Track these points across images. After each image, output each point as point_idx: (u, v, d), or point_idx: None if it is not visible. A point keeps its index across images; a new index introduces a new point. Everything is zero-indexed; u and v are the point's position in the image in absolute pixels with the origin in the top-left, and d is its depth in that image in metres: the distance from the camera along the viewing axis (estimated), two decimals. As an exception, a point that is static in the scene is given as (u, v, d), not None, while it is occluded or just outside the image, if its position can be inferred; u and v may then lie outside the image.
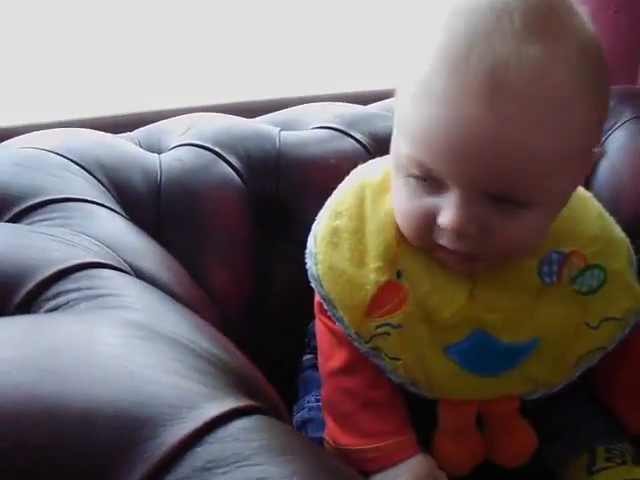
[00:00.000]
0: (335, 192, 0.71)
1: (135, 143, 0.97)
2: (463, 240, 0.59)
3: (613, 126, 1.07)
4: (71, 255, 0.56)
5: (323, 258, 0.67)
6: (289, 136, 1.00)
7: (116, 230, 0.73)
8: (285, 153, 0.97)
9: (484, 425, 0.70)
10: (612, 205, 1.02)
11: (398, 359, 0.66)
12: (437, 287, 0.65)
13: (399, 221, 0.64)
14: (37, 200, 0.72)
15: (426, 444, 0.71)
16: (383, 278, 0.64)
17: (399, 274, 0.65)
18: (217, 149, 0.94)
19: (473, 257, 0.61)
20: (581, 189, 0.70)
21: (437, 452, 0.70)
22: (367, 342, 0.67)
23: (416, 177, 0.59)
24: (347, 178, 0.72)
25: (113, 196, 0.83)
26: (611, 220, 0.70)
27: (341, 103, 1.13)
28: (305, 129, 1.03)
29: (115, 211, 0.79)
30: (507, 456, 0.70)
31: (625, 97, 1.11)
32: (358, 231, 0.67)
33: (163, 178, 0.88)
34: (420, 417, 0.71)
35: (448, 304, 0.65)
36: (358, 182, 0.70)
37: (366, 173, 0.72)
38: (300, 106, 1.11)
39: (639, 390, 0.71)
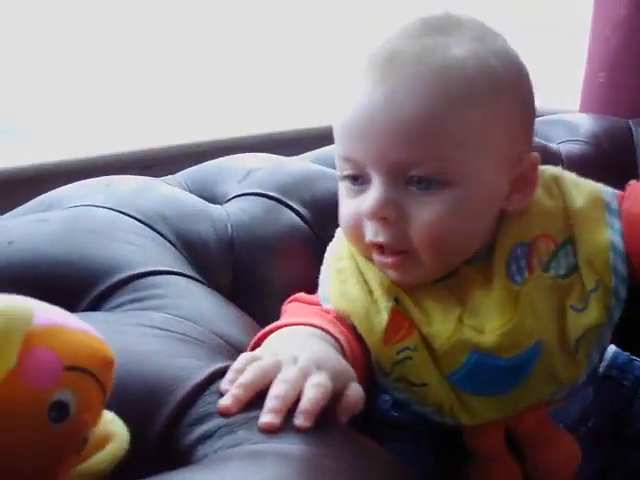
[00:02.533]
0: (330, 244, 0.74)
1: (183, 187, 0.92)
2: (385, 229, 0.61)
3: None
4: (205, 362, 0.50)
5: (335, 293, 0.68)
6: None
7: (208, 305, 0.67)
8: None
9: (519, 444, 0.67)
10: None
11: (425, 384, 0.64)
12: (427, 318, 0.64)
13: (342, 228, 0.69)
14: (124, 275, 0.66)
15: (459, 477, 0.68)
16: (390, 303, 0.65)
17: (397, 301, 0.66)
18: (281, 197, 0.89)
19: (399, 259, 0.63)
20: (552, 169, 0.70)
21: None
22: (389, 374, 0.65)
23: (348, 177, 0.65)
24: (337, 232, 0.74)
25: (184, 256, 0.77)
26: (575, 179, 0.69)
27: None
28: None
29: (193, 278, 0.73)
30: (552, 470, 0.66)
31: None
32: (357, 268, 0.68)
33: (234, 232, 0.82)
34: (449, 448, 0.68)
35: (438, 334, 0.64)
36: (339, 231, 0.73)
37: None
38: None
39: None
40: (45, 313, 0.36)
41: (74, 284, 0.64)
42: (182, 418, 0.46)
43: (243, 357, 0.50)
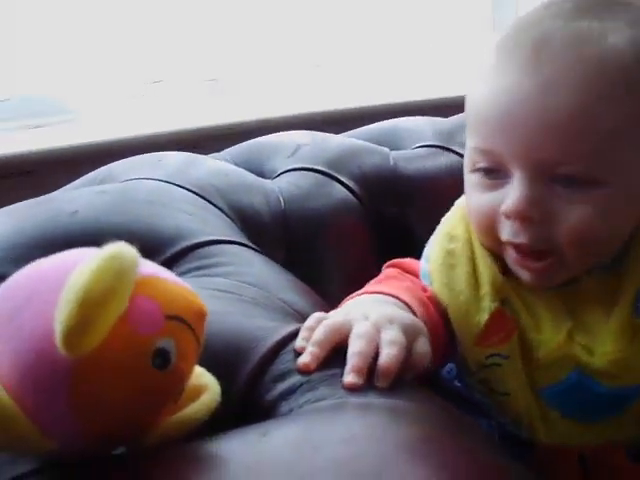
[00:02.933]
0: (445, 217, 0.69)
1: (230, 163, 0.92)
2: (527, 229, 0.56)
3: None
4: (278, 323, 0.51)
5: (439, 277, 0.64)
6: (399, 154, 0.96)
7: (270, 273, 0.67)
8: (400, 171, 0.92)
9: (588, 472, 0.64)
10: None
11: (507, 394, 0.62)
12: (535, 324, 0.61)
13: (471, 220, 0.63)
14: (186, 244, 0.66)
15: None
16: (494, 304, 0.61)
17: (503, 302, 0.62)
18: (331, 172, 0.89)
19: (545, 258, 0.58)
20: None
21: None
22: (475, 374, 0.63)
23: (482, 170, 0.59)
24: (455, 206, 0.70)
25: (239, 227, 0.78)
26: None
27: (427, 118, 1.09)
28: (408, 147, 0.99)
29: (252, 247, 0.73)
30: None
31: None
32: (471, 256, 0.64)
33: (286, 205, 0.83)
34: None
35: (544, 343, 0.60)
36: (463, 210, 0.68)
37: None
38: (390, 121, 1.07)
39: None
40: (144, 264, 0.37)
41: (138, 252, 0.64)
42: (263, 375, 0.47)
43: (314, 316, 0.50)
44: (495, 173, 0.59)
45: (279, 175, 0.89)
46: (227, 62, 1.27)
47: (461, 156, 0.97)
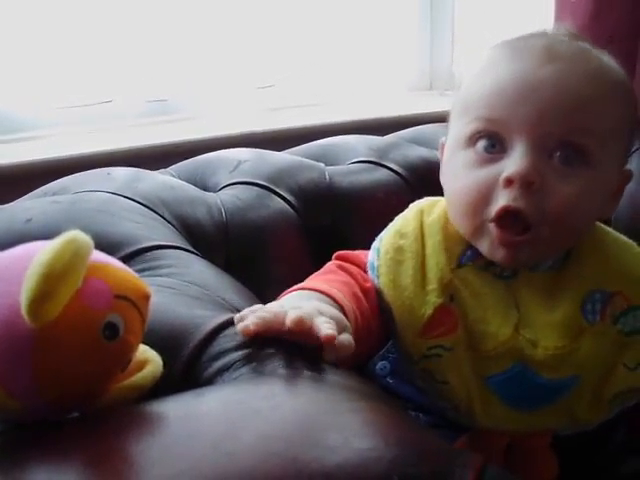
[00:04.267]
0: (399, 216, 0.74)
1: (176, 178, 0.98)
2: (527, 195, 0.62)
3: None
4: (217, 314, 0.57)
5: (386, 271, 0.69)
6: (334, 170, 1.03)
7: (210, 275, 0.73)
8: (335, 185, 1.00)
9: (510, 454, 0.69)
10: (633, 234, 1.09)
11: (446, 382, 0.66)
12: (484, 318, 0.66)
13: (454, 205, 0.68)
14: (133, 249, 0.72)
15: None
16: (439, 300, 0.66)
17: (452, 298, 0.67)
18: (271, 185, 0.96)
19: (523, 236, 0.63)
20: (626, 238, 0.73)
21: None
22: (416, 363, 0.67)
23: (479, 149, 0.66)
24: (411, 205, 0.75)
25: (185, 237, 0.84)
26: None
27: (366, 136, 1.16)
28: (343, 163, 1.06)
29: (193, 252, 0.79)
30: None
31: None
32: (419, 253, 0.69)
33: (227, 216, 0.89)
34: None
35: (493, 336, 0.65)
36: (418, 208, 0.74)
37: (425, 202, 0.75)
38: (328, 139, 1.14)
39: None
40: (96, 253, 0.43)
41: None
42: (201, 356, 0.53)
43: (249, 308, 0.55)
44: (494, 146, 0.65)
45: (222, 189, 0.95)
46: (177, 83, 1.32)
47: (393, 172, 1.06)
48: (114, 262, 0.45)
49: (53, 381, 0.40)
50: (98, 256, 0.44)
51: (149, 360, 0.46)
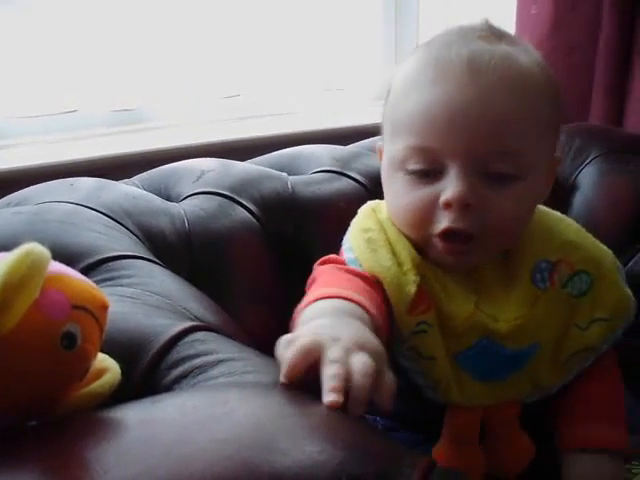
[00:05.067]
0: (354, 220, 0.78)
1: (139, 188, 0.99)
2: (465, 216, 0.66)
3: (583, 162, 1.18)
4: (177, 322, 0.59)
5: (367, 259, 0.71)
6: (297, 179, 1.05)
7: (172, 284, 0.75)
8: (297, 195, 1.01)
9: (485, 436, 0.73)
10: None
11: (433, 358, 0.69)
12: (448, 298, 0.70)
13: (398, 218, 0.72)
14: (95, 259, 0.73)
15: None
16: (418, 278, 0.69)
17: (422, 279, 0.70)
18: (233, 195, 0.97)
19: (467, 245, 0.67)
20: (558, 213, 0.80)
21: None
22: (405, 341, 0.69)
23: (415, 172, 0.68)
24: (360, 210, 0.79)
25: (146, 246, 0.85)
26: (590, 235, 0.79)
27: (329, 146, 1.18)
28: (306, 173, 1.08)
29: (155, 262, 0.80)
30: (506, 465, 0.73)
31: (591, 134, 1.22)
32: (387, 241, 0.73)
33: (190, 226, 0.90)
34: (428, 427, 0.73)
35: (457, 314, 0.70)
36: (370, 207, 0.78)
37: (373, 203, 0.80)
38: (291, 149, 1.16)
39: (571, 409, 0.75)
40: (54, 264, 0.44)
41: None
42: (160, 363, 0.55)
43: (284, 339, 0.50)
44: (429, 171, 0.68)
45: (185, 198, 0.96)
46: (142, 92, 1.33)
47: (356, 181, 1.08)
48: (72, 273, 0.46)
49: (11, 390, 0.41)
50: (56, 267, 0.45)
51: (107, 368, 0.47)
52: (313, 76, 1.54)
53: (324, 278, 0.69)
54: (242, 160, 1.08)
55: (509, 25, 1.42)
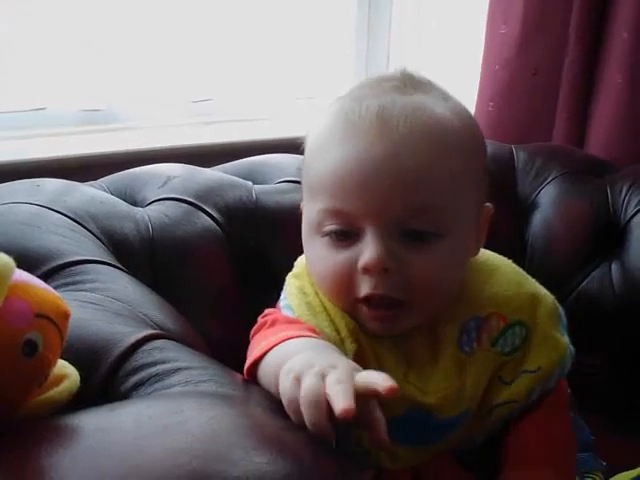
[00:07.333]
0: (293, 273, 0.75)
1: (105, 191, 1.00)
2: (385, 281, 0.62)
3: (543, 182, 1.21)
4: (136, 330, 0.60)
5: (308, 321, 0.69)
6: (261, 188, 1.06)
7: (134, 290, 0.76)
8: (261, 204, 1.03)
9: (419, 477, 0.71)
10: (547, 256, 1.16)
11: None
12: (380, 366, 0.67)
13: (320, 285, 0.69)
14: (58, 262, 0.74)
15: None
16: (354, 345, 0.67)
17: (358, 347, 0.68)
18: (198, 202, 0.98)
19: (392, 311, 0.64)
20: (496, 256, 0.75)
21: None
22: None
23: (333, 233, 0.65)
24: (297, 262, 0.77)
25: (110, 251, 0.86)
26: (530, 279, 0.74)
27: (296, 155, 1.19)
28: (271, 182, 1.10)
29: (118, 267, 0.82)
30: None
31: (552, 155, 1.26)
32: (323, 307, 0.70)
33: (154, 232, 0.91)
34: None
35: None
36: (305, 264, 0.74)
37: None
38: (259, 157, 1.17)
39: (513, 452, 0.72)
40: (19, 273, 0.46)
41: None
42: (119, 370, 0.56)
43: (287, 380, 0.51)
44: (346, 233, 0.64)
45: (150, 204, 0.97)
46: (112, 93, 1.34)
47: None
48: (36, 281, 0.47)
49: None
50: (22, 276, 0.46)
51: (67, 375, 0.49)
52: (285, 83, 1.55)
53: (283, 325, 0.68)
54: (209, 165, 1.10)
55: (478, 43, 1.45)
